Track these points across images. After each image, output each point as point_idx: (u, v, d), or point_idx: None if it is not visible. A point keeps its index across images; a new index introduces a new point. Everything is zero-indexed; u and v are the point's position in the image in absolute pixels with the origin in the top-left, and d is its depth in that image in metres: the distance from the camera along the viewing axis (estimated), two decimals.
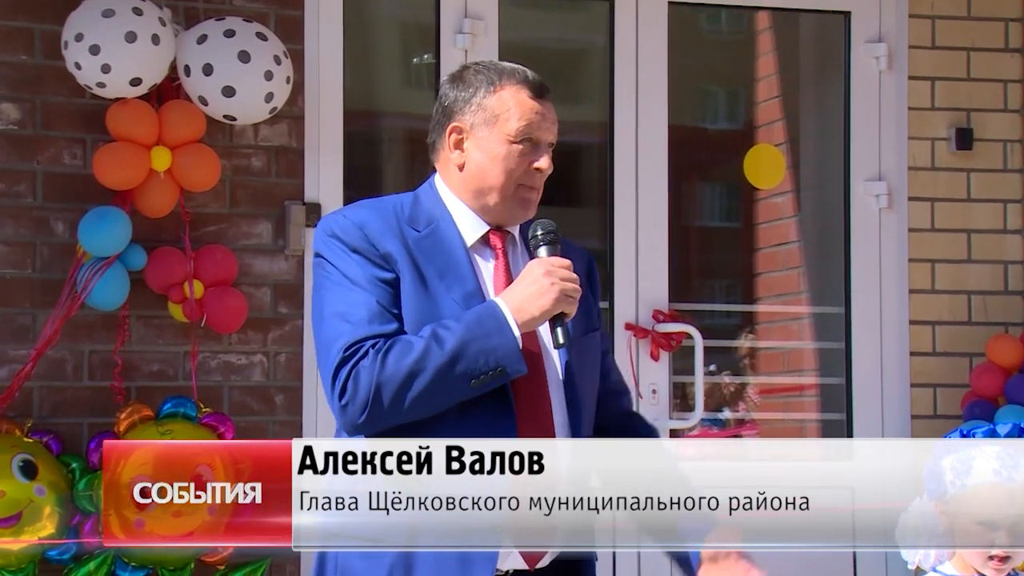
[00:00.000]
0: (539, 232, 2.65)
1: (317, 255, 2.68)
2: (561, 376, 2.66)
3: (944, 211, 5.02)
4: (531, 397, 2.61)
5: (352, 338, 2.56)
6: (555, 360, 2.67)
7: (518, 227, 2.75)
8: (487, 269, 2.68)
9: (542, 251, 2.65)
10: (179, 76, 4.32)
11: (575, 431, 2.65)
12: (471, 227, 2.69)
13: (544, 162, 2.67)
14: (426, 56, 4.91)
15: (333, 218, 2.68)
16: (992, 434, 2.92)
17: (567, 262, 2.62)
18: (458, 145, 2.69)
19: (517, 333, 2.56)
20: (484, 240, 2.70)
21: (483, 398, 2.57)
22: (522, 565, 2.61)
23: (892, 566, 4.89)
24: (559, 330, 2.59)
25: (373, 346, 2.55)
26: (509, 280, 2.66)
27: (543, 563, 2.64)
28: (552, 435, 2.62)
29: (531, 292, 2.57)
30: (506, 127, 2.65)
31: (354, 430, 2.58)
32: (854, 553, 4.94)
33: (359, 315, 2.58)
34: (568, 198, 5.54)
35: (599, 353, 2.76)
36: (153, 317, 4.41)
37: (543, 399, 2.63)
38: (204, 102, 4.30)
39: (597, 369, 2.75)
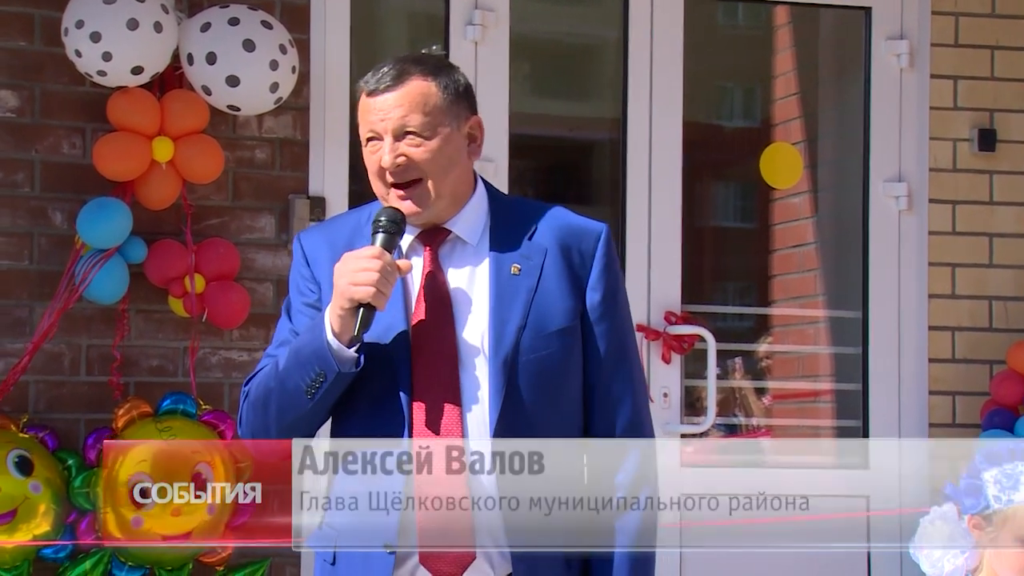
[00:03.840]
0: (379, 219, 2.56)
1: None
2: (489, 378, 2.53)
3: (965, 214, 4.97)
4: (433, 404, 2.52)
5: (256, 370, 2.61)
6: (480, 361, 2.54)
7: (489, 214, 2.62)
8: (416, 271, 2.60)
9: (376, 239, 2.55)
10: (182, 65, 4.28)
11: (523, 435, 2.51)
12: (407, 233, 2.62)
13: (384, 158, 2.56)
14: (435, 48, 4.88)
15: (294, 241, 2.71)
16: None
17: (372, 251, 2.50)
18: None
19: (328, 335, 2.49)
20: (419, 242, 2.62)
21: (380, 410, 2.52)
22: None
23: (907, 572, 4.83)
24: (357, 321, 2.49)
25: (255, 375, 2.61)
26: (434, 281, 2.57)
27: None
28: (460, 446, 2.49)
29: (334, 292, 2.52)
30: (361, 135, 2.61)
31: None
32: (868, 560, 4.88)
33: (274, 346, 2.63)
34: (579, 196, 5.50)
35: (576, 351, 2.57)
36: (153, 311, 4.38)
37: (448, 405, 2.51)
38: (207, 91, 4.26)
39: (571, 370, 2.57)
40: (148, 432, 4.17)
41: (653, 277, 4.83)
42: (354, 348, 2.50)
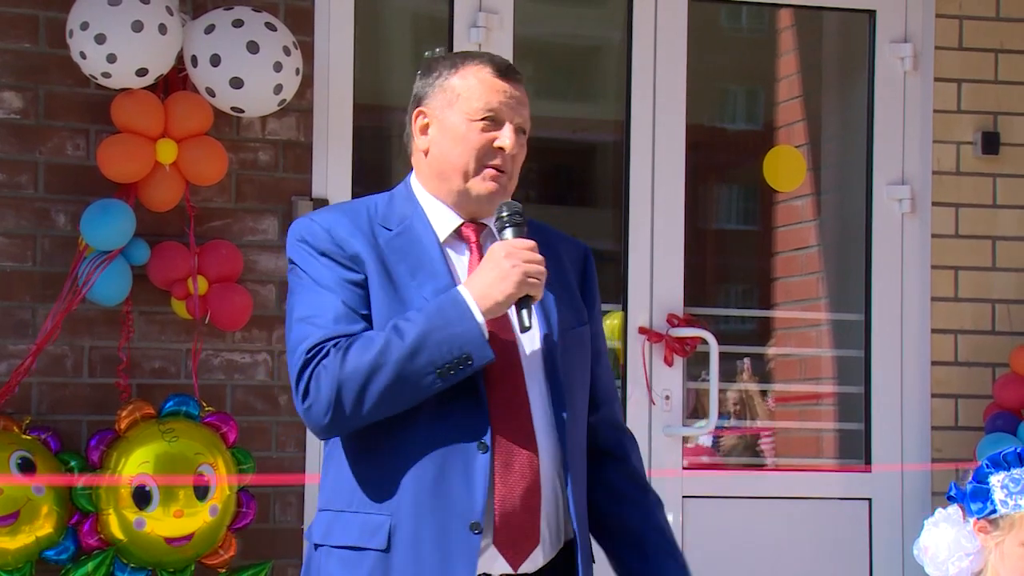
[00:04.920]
0: (504, 213, 2.60)
1: (290, 261, 2.66)
2: (543, 372, 2.60)
3: (968, 217, 4.96)
4: (506, 395, 2.56)
5: (317, 339, 2.53)
6: (536, 356, 2.61)
7: (495, 219, 2.68)
8: (461, 263, 2.63)
9: (507, 233, 2.59)
10: (186, 66, 4.26)
11: (561, 431, 2.59)
12: (444, 221, 2.64)
13: (507, 141, 2.61)
14: (438, 50, 4.86)
15: (302, 222, 2.66)
16: None
17: (531, 243, 2.55)
18: (424, 130, 2.66)
19: (481, 319, 2.50)
20: (458, 234, 2.65)
21: (454, 397, 2.53)
22: (507, 569, 2.56)
23: (908, 572, 4.83)
24: (524, 312, 2.53)
25: (335, 345, 2.52)
26: None
27: (528, 568, 2.57)
28: (531, 434, 2.56)
29: (493, 277, 2.52)
30: (467, 105, 2.61)
31: (323, 433, 2.56)
32: (870, 561, 4.87)
33: (325, 317, 2.55)
34: (582, 198, 5.50)
35: (589, 350, 2.70)
36: (155, 313, 4.38)
37: (520, 397, 2.57)
38: (211, 93, 4.25)
39: (587, 367, 2.68)
40: (151, 434, 4.16)
41: (656, 279, 4.82)
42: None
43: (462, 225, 2.64)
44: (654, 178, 4.84)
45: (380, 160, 5.09)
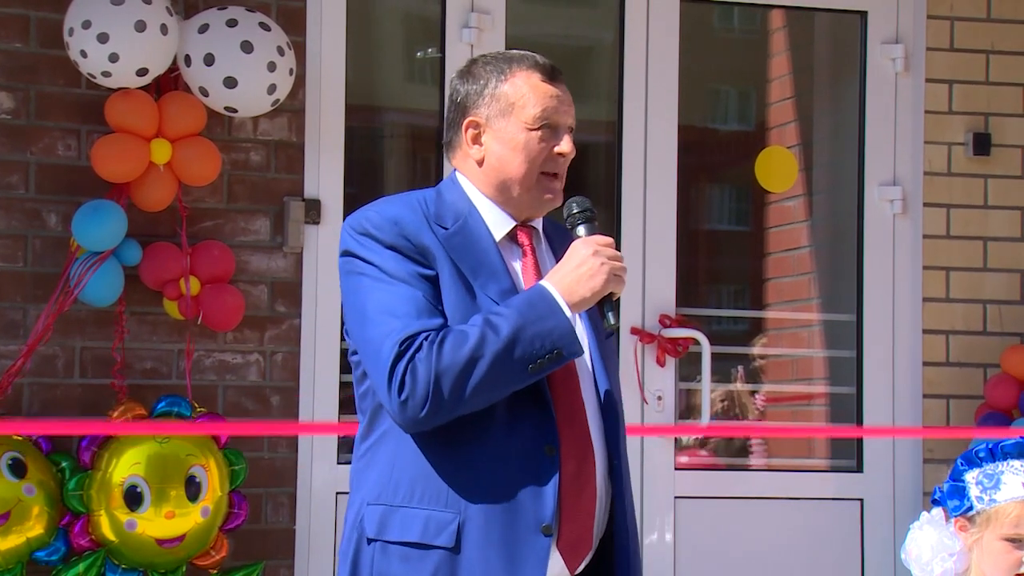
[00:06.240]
0: (575, 210, 2.62)
1: (348, 254, 2.61)
2: (592, 380, 2.64)
3: (960, 218, 4.97)
4: (567, 401, 2.59)
5: (404, 332, 2.51)
6: (584, 363, 2.64)
7: (542, 223, 2.71)
8: (516, 268, 2.64)
9: (581, 230, 2.61)
10: (179, 66, 4.25)
11: (611, 437, 2.62)
12: (498, 223, 2.65)
13: (566, 146, 2.64)
14: (430, 50, 4.87)
15: (364, 215, 2.61)
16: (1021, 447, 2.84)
17: (610, 239, 2.59)
18: (476, 140, 2.66)
19: (570, 314, 2.53)
20: (511, 237, 2.66)
21: (525, 401, 2.55)
22: (563, 572, 2.58)
23: (900, 573, 4.83)
24: (610, 313, 2.56)
25: (426, 338, 2.50)
26: (539, 278, 2.62)
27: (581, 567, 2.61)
28: (588, 440, 2.59)
29: (581, 273, 2.54)
30: (523, 114, 2.62)
31: (415, 426, 2.53)
32: (862, 561, 4.87)
33: (406, 310, 2.53)
34: None
35: (618, 360, 2.73)
36: (147, 314, 4.37)
37: (577, 403, 2.60)
38: (205, 93, 4.24)
39: (618, 373, 2.72)
40: (142, 435, 4.15)
41: (648, 280, 4.82)
42: None
43: (516, 229, 2.65)
44: (646, 179, 4.85)
45: (372, 160, 5.09)
